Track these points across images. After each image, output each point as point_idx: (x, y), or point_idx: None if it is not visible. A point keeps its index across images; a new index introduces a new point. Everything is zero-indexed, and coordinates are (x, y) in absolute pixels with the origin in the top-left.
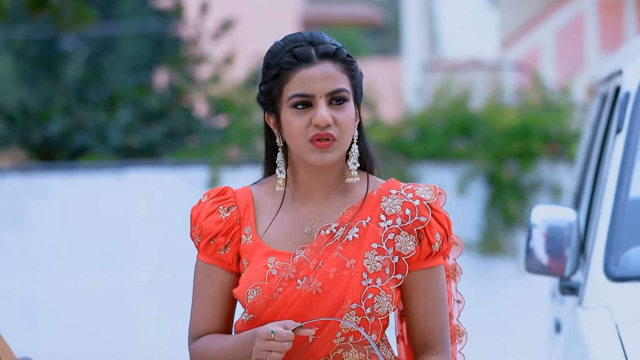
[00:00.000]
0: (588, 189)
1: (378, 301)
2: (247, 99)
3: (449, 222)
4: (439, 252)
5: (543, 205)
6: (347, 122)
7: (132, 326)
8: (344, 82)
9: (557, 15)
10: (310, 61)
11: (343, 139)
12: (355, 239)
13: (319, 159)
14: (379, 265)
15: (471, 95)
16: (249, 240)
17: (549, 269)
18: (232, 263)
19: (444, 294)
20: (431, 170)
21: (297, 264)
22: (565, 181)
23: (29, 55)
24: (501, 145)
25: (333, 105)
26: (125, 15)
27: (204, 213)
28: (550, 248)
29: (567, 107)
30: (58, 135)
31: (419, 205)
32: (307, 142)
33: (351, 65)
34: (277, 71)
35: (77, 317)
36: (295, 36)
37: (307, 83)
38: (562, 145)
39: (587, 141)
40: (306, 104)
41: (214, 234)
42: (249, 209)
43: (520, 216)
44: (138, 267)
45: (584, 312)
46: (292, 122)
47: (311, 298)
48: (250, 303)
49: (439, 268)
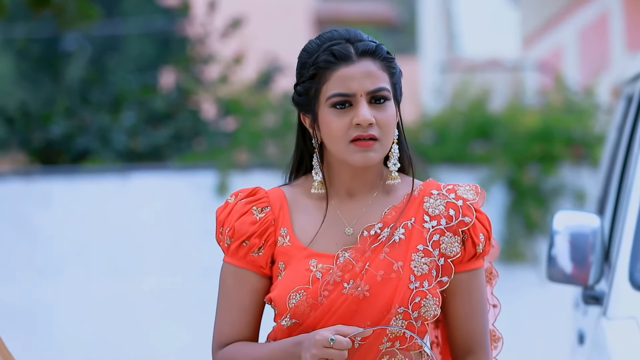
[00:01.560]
0: (613, 194)
1: (425, 305)
2: (257, 100)
3: (489, 222)
4: (482, 253)
5: (566, 211)
6: (388, 122)
7: (138, 335)
8: (384, 80)
9: (581, 12)
10: (350, 59)
11: (385, 139)
12: (401, 240)
13: (362, 160)
14: (425, 267)
15: (491, 97)
16: (287, 241)
17: (571, 277)
18: (265, 266)
19: (485, 296)
20: (449, 174)
21: (342, 266)
22: (589, 186)
23: (30, 55)
24: (522, 148)
25: (374, 104)
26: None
27: (236, 214)
28: (573, 256)
29: (590, 109)
30: (60, 138)
31: (463, 205)
32: (349, 142)
33: (391, 62)
34: (315, 70)
35: (81, 325)
36: (332, 34)
37: (347, 82)
38: (586, 149)
39: (612, 144)
40: (346, 104)
41: (248, 236)
42: (284, 209)
43: (541, 223)
44: (144, 275)
45: (609, 322)
46: (332, 123)
47: (358, 302)
48: (292, 307)
49: (480, 270)
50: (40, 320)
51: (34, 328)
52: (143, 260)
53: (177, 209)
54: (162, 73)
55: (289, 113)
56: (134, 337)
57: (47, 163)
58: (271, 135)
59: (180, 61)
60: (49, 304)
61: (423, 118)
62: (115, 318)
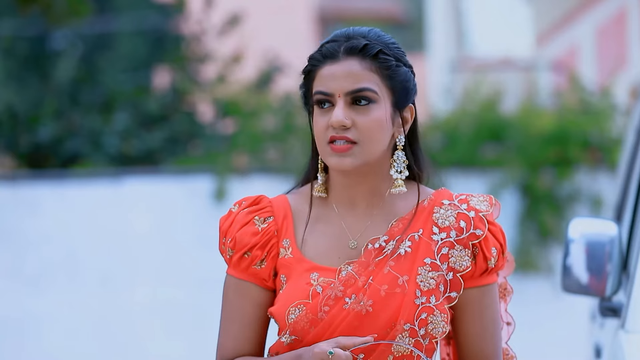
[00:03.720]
0: (631, 200)
1: (432, 321)
2: (257, 101)
3: (504, 236)
4: (494, 268)
5: (582, 218)
6: (369, 126)
7: (131, 349)
8: (370, 81)
9: (598, 9)
10: (335, 58)
11: (365, 144)
12: (407, 254)
13: (336, 164)
14: (432, 282)
15: (503, 97)
16: (288, 254)
17: (588, 288)
18: (268, 279)
19: (498, 314)
20: (459, 179)
21: (344, 280)
22: (606, 191)
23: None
24: (536, 152)
25: (356, 106)
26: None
27: (237, 224)
28: (590, 265)
29: (608, 110)
30: (48, 141)
31: (475, 217)
32: (326, 144)
33: (385, 63)
34: (309, 68)
35: (71, 339)
36: (341, 31)
37: (327, 81)
38: (603, 152)
39: (631, 147)
40: (326, 103)
41: (250, 247)
42: (287, 219)
43: (556, 230)
44: (136, 286)
45: (627, 336)
46: (315, 122)
47: (360, 318)
48: (292, 323)
49: (493, 286)
50: (27, 334)
51: (21, 341)
52: (136, 270)
53: (172, 217)
54: (156, 73)
55: (290, 115)
56: (126, 352)
57: (34, 168)
58: (272, 138)
59: (176, 60)
60: (36, 317)
61: (431, 120)
62: (106, 332)
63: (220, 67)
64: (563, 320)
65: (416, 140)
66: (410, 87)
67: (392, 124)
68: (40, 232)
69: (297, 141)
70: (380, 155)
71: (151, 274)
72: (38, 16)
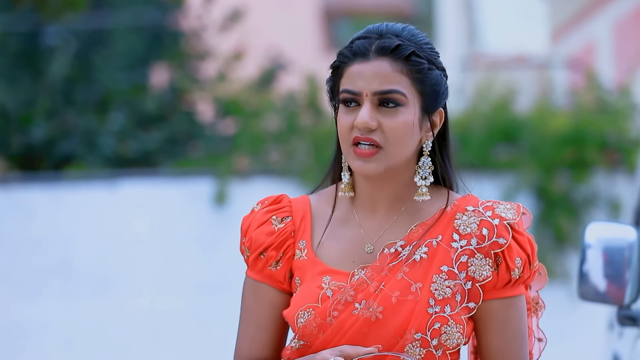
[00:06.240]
0: None
1: (446, 332)
2: (259, 100)
3: (532, 246)
4: (519, 280)
5: (599, 223)
6: (396, 129)
7: (128, 356)
8: (400, 83)
9: (615, 4)
10: (365, 56)
11: (390, 148)
12: (423, 260)
13: (360, 168)
14: (448, 291)
15: (516, 96)
16: (303, 255)
17: (605, 295)
18: (284, 281)
19: (524, 329)
20: (470, 182)
21: (356, 285)
22: (625, 195)
23: (7, 50)
24: (551, 153)
25: (383, 108)
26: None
27: (255, 223)
28: (608, 272)
29: (626, 110)
30: (41, 142)
31: (499, 224)
32: (350, 145)
33: (417, 66)
34: (338, 63)
35: (66, 347)
36: (374, 26)
37: (355, 79)
38: (621, 154)
39: None
40: (353, 102)
41: (265, 247)
42: (306, 220)
43: (572, 235)
44: (135, 293)
45: None
46: (340, 121)
47: (369, 324)
48: (300, 327)
49: (519, 299)
50: (20, 341)
51: (13, 349)
52: (134, 277)
53: (171, 221)
54: (154, 70)
55: (293, 115)
56: (124, 359)
57: (27, 170)
58: (274, 139)
59: (174, 57)
60: (29, 324)
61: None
62: (103, 340)
63: (221, 65)
64: (580, 329)
65: (447, 146)
66: (441, 91)
67: (420, 128)
68: (34, 237)
69: (301, 142)
70: (405, 160)
71: (150, 280)
72: (31, 11)
